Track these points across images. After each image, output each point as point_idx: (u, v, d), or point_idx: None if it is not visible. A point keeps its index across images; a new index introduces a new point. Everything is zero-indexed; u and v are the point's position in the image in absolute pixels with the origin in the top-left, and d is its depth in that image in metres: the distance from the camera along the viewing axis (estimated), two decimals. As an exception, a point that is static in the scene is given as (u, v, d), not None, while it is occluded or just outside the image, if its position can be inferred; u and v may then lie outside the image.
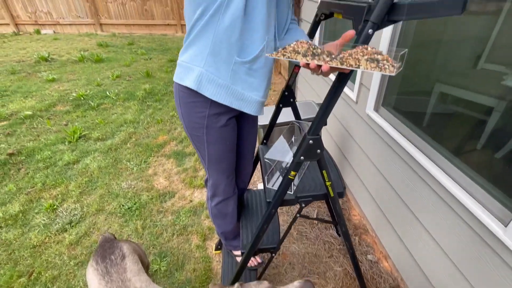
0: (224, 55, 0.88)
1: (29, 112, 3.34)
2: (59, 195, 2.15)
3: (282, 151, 1.13)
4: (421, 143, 1.24)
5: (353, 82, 1.77)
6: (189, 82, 0.93)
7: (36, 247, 1.73)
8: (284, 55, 0.72)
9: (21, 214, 1.97)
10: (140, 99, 3.82)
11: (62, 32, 7.53)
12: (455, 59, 1.22)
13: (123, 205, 2.06)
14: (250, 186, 2.25)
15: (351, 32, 0.68)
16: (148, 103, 3.73)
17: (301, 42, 0.72)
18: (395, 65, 0.59)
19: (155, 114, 3.43)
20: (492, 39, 1.05)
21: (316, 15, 1.02)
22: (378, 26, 0.66)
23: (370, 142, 1.62)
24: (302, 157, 0.82)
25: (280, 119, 1.34)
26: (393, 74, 0.59)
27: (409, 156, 1.28)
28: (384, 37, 1.41)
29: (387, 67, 0.59)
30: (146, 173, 2.41)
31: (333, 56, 0.64)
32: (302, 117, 1.68)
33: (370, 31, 0.66)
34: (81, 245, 1.75)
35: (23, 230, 1.86)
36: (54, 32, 7.48)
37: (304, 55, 0.68)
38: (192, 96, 0.97)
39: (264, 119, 1.69)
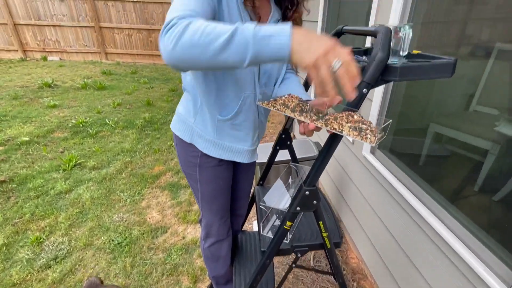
0: (208, 114, 0.94)
1: (26, 138, 3.34)
2: (47, 227, 2.08)
3: (279, 195, 1.11)
4: (417, 189, 1.24)
5: (350, 122, 1.80)
6: (182, 134, 1.01)
7: (16, 286, 1.63)
8: (274, 107, 0.75)
9: (4, 248, 1.88)
10: (139, 127, 3.84)
11: (68, 59, 7.76)
12: (448, 101, 1.25)
13: (113, 240, 1.98)
14: (246, 223, 2.20)
15: (339, 99, 0.71)
16: (146, 132, 3.75)
17: (292, 97, 0.75)
18: (377, 135, 0.61)
19: (153, 143, 3.44)
20: (482, 82, 1.08)
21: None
22: (373, 85, 0.68)
23: (367, 184, 1.61)
24: (298, 208, 0.80)
25: (277, 157, 1.34)
26: (373, 144, 0.60)
27: (406, 202, 1.26)
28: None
29: (369, 136, 0.61)
30: (139, 206, 2.36)
31: (320, 115, 0.66)
32: (298, 156, 1.69)
33: (364, 90, 0.68)
34: (64, 284, 1.65)
35: (5, 265, 1.76)
36: (60, 59, 7.71)
37: (293, 110, 0.71)
38: None
39: (261, 157, 1.69)
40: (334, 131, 0.65)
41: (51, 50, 7.60)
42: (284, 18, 0.92)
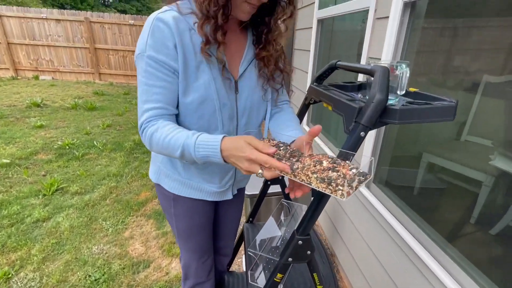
0: (173, 158, 0.91)
1: (7, 160, 3.18)
2: (18, 261, 1.91)
3: (270, 234, 1.03)
4: (413, 226, 1.17)
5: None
6: (151, 174, 1.00)
7: (-26, 332, 1.45)
8: None
9: (-33, 285, 1.71)
10: (128, 150, 3.74)
11: (61, 79, 7.72)
12: (440, 129, 1.23)
13: (89, 276, 1.82)
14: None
15: (316, 129, 0.65)
16: (135, 155, 3.64)
17: (269, 141, 0.70)
18: (353, 183, 0.51)
19: (141, 167, 3.32)
20: (472, 113, 1.07)
21: (306, 99, 1.02)
22: (370, 128, 0.63)
23: (361, 219, 1.54)
24: (290, 259, 0.72)
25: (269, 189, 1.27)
26: (344, 199, 0.51)
27: (403, 241, 1.18)
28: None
29: (339, 189, 0.50)
30: (122, 236, 2.21)
31: (294, 160, 0.60)
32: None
33: (362, 133, 0.62)
34: (30, 330, 1.48)
35: (-36, 307, 1.58)
36: (53, 78, 7.66)
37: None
38: None
39: (252, 189, 1.61)
40: (303, 182, 0.56)
41: (43, 70, 7.57)
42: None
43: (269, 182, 1.17)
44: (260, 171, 0.59)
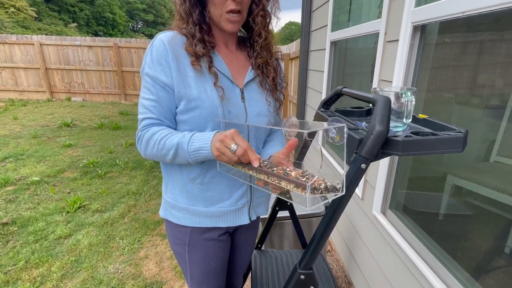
0: (179, 178, 0.88)
1: (37, 178, 3.38)
2: (39, 277, 1.98)
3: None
4: (436, 263, 1.08)
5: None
6: (160, 211, 0.96)
7: None
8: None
9: (-10, 300, 1.78)
10: (148, 168, 3.85)
11: (90, 100, 8.24)
12: (466, 149, 1.14)
13: (104, 296, 1.84)
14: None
15: (294, 141, 0.70)
16: (154, 173, 3.74)
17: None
18: (320, 187, 0.56)
19: (159, 185, 3.39)
20: (501, 132, 0.99)
21: (313, 124, 1.01)
22: (372, 160, 0.61)
23: (379, 248, 1.45)
24: (291, 295, 0.69)
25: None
26: (307, 195, 0.56)
27: (423, 277, 1.10)
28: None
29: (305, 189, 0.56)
30: (137, 255, 2.23)
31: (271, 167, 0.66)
32: (303, 213, 1.57)
33: (363, 165, 0.61)
34: None
35: (-14, 322, 1.65)
36: (83, 99, 8.20)
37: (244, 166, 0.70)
38: None
39: (263, 212, 1.59)
40: (274, 183, 0.63)
41: (75, 92, 8.13)
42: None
43: (277, 208, 1.15)
44: (233, 146, 0.67)
